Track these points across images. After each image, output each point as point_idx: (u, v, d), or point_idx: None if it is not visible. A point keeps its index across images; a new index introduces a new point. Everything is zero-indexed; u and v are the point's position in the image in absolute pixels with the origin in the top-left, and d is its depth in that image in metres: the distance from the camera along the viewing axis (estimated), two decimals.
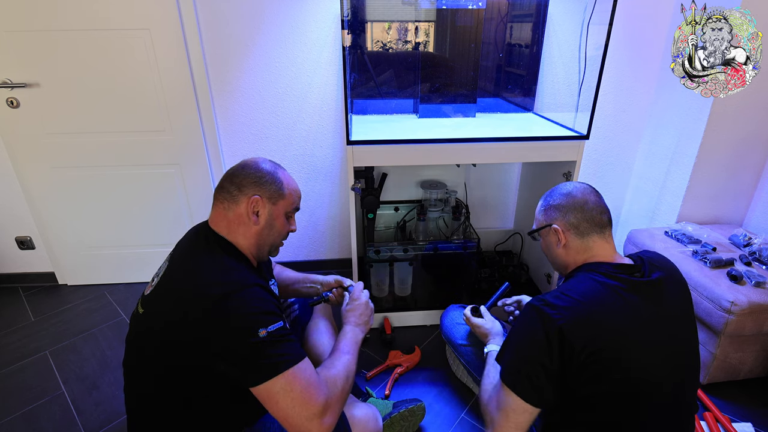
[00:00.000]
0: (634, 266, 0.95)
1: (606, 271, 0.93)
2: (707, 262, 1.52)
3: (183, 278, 0.92)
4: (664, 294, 0.92)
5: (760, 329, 1.40)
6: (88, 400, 1.49)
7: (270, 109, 1.91)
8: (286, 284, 1.36)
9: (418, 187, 2.06)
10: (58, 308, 2.00)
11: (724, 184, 1.85)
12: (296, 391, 0.83)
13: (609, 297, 0.88)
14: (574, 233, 0.99)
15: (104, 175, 1.96)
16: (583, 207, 0.99)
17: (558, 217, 1.01)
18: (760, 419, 1.40)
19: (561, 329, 0.84)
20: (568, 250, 1.01)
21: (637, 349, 0.86)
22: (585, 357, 0.84)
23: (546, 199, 1.06)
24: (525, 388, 0.88)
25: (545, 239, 1.06)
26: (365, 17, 1.76)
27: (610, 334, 0.85)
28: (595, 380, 0.85)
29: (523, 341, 0.91)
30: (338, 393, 0.91)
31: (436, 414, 1.41)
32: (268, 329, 0.84)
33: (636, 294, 0.89)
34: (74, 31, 1.70)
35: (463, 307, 1.51)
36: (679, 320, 0.93)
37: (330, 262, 2.26)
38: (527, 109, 1.95)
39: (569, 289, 0.91)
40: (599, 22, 1.49)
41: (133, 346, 0.97)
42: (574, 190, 1.02)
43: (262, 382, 0.83)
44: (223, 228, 0.99)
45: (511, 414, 0.90)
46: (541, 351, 0.86)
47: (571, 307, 0.86)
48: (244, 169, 1.01)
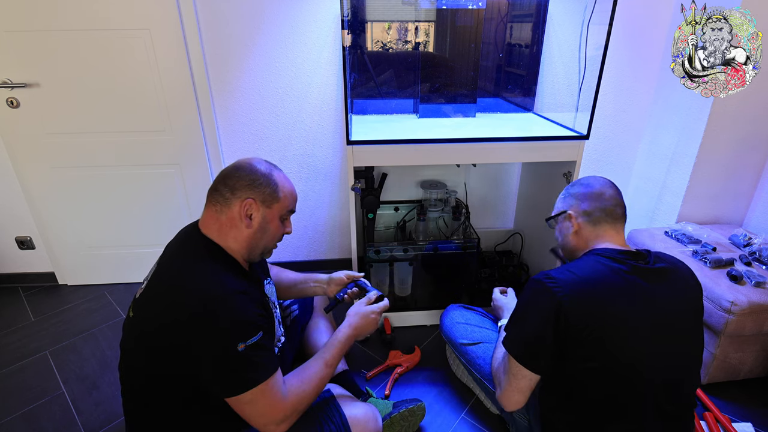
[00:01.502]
0: (639, 254, 0.98)
1: (612, 254, 0.96)
2: (707, 262, 1.52)
3: (169, 283, 0.91)
4: (666, 282, 0.94)
5: (760, 329, 1.40)
6: (88, 400, 1.49)
7: (270, 109, 1.91)
8: (288, 286, 1.35)
9: (418, 187, 2.06)
10: (58, 308, 2.00)
11: (724, 184, 1.85)
12: (260, 405, 0.88)
13: (611, 277, 0.91)
14: (586, 220, 1.04)
15: (104, 175, 1.96)
16: (599, 197, 1.03)
17: (574, 204, 1.06)
18: (760, 419, 1.40)
19: (561, 303, 0.88)
20: (579, 236, 1.05)
21: (635, 330, 0.89)
22: (582, 333, 0.87)
23: (568, 188, 1.12)
24: (524, 355, 0.95)
25: (560, 226, 1.11)
26: (365, 17, 1.76)
27: (609, 313, 0.88)
28: (590, 357, 0.89)
29: (525, 312, 0.97)
30: (301, 407, 0.96)
31: (436, 414, 1.41)
32: (246, 343, 0.86)
33: (638, 277, 0.92)
34: (74, 31, 1.70)
35: (463, 307, 1.51)
36: (681, 312, 0.95)
37: (330, 262, 2.26)
38: (527, 109, 1.95)
39: (574, 266, 0.94)
40: (599, 22, 1.49)
41: (126, 350, 0.96)
42: (594, 182, 1.07)
43: (230, 395, 0.87)
44: (213, 231, 0.97)
45: (513, 378, 0.98)
46: (540, 322, 0.91)
47: (573, 282, 0.90)
48: (237, 171, 0.98)
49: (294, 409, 0.93)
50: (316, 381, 1.00)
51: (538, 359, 0.94)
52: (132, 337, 0.94)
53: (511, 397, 1.00)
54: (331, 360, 1.05)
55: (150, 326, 0.90)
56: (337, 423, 1.02)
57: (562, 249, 1.12)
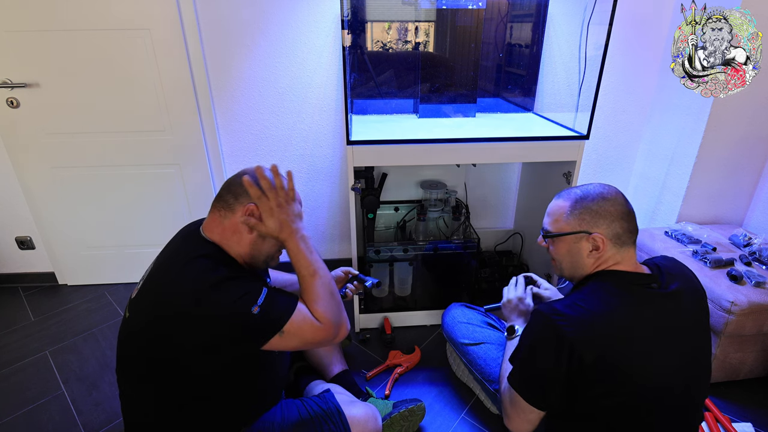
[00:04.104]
0: (651, 276, 0.92)
1: (621, 281, 0.90)
2: (707, 262, 1.52)
3: (167, 280, 0.91)
4: (680, 305, 0.89)
5: (760, 329, 1.40)
6: (88, 400, 1.49)
7: (270, 109, 1.91)
8: (283, 286, 1.35)
9: (418, 187, 2.06)
10: (58, 308, 2.00)
11: (724, 184, 1.85)
12: (306, 332, 0.92)
13: (622, 310, 0.86)
14: (614, 243, 0.92)
15: (104, 175, 1.96)
16: (627, 215, 0.92)
17: (602, 224, 0.92)
18: (760, 419, 1.40)
19: (572, 342, 0.83)
20: (597, 259, 0.94)
21: (649, 364, 0.85)
22: (596, 371, 0.83)
23: (580, 201, 0.95)
24: (531, 393, 0.91)
25: (570, 245, 0.96)
26: (365, 17, 1.76)
27: (621, 350, 0.84)
28: (606, 395, 0.84)
29: (532, 350, 0.91)
30: (339, 316, 0.97)
31: (436, 414, 1.41)
32: (258, 303, 0.87)
33: (650, 307, 0.87)
34: (74, 31, 1.70)
35: (465, 305, 1.51)
36: (692, 330, 0.91)
37: (330, 262, 2.23)
38: (527, 109, 1.95)
39: (582, 298, 0.88)
40: (599, 22, 1.49)
41: (123, 351, 0.96)
42: (617, 195, 0.94)
43: (268, 338, 0.89)
44: (216, 234, 0.98)
45: (521, 411, 0.94)
46: (549, 360, 0.86)
47: (583, 319, 0.84)
48: (241, 178, 0.99)
49: (334, 319, 0.95)
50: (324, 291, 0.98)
51: (545, 399, 0.89)
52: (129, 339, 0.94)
53: (520, 426, 0.96)
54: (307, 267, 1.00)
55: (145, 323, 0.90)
56: (337, 423, 1.02)
57: (566, 268, 1.00)
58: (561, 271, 1.03)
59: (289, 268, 1.30)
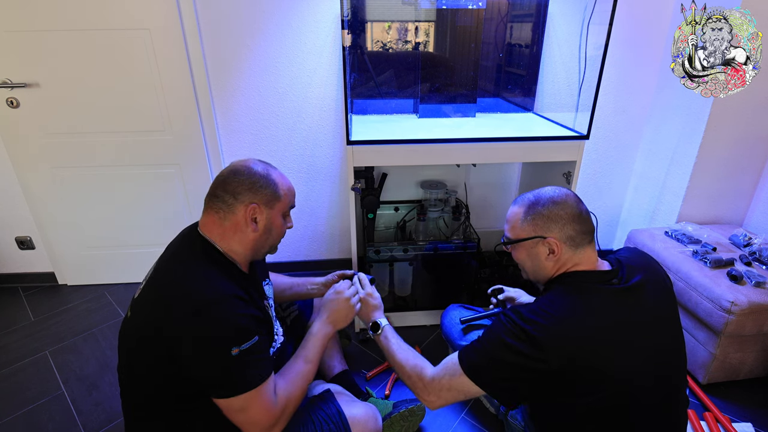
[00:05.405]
0: (611, 272, 0.93)
1: (583, 282, 0.92)
2: (707, 262, 1.52)
3: (167, 284, 0.91)
4: (643, 297, 0.90)
5: (760, 329, 1.40)
6: (88, 400, 1.49)
7: (270, 109, 1.91)
8: (282, 289, 1.35)
9: (418, 187, 2.06)
10: (58, 308, 2.00)
11: (724, 184, 1.85)
12: (252, 411, 0.88)
13: (583, 312, 0.86)
14: (569, 245, 0.94)
15: (104, 175, 1.96)
16: (578, 217, 0.94)
17: (554, 228, 0.94)
18: (760, 419, 1.40)
19: (541, 346, 0.83)
20: (556, 262, 0.96)
21: (619, 360, 0.85)
22: (565, 375, 0.83)
23: (532, 207, 0.97)
24: (491, 386, 0.90)
25: (528, 250, 0.99)
26: (365, 17, 1.76)
27: (589, 350, 0.84)
28: (580, 394, 0.85)
29: (493, 353, 0.89)
30: (290, 409, 0.96)
31: (436, 414, 1.41)
32: (240, 347, 0.85)
33: (614, 302, 0.88)
34: (74, 31, 1.70)
35: (463, 306, 1.51)
36: (661, 320, 0.92)
37: (330, 262, 2.26)
38: (527, 109, 1.95)
39: (546, 304, 0.89)
40: (599, 22, 1.49)
41: (124, 350, 0.97)
42: (567, 198, 0.96)
43: (222, 397, 0.87)
44: (216, 235, 0.97)
45: (455, 392, 0.94)
46: (512, 369, 0.86)
47: (548, 326, 0.84)
48: (236, 175, 0.98)
49: (284, 412, 0.93)
50: (300, 380, 1.01)
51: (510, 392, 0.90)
52: (129, 338, 0.94)
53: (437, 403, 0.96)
54: (310, 356, 1.06)
55: (146, 325, 0.90)
56: (337, 423, 1.02)
57: (530, 272, 1.03)
58: (526, 275, 1.05)
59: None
